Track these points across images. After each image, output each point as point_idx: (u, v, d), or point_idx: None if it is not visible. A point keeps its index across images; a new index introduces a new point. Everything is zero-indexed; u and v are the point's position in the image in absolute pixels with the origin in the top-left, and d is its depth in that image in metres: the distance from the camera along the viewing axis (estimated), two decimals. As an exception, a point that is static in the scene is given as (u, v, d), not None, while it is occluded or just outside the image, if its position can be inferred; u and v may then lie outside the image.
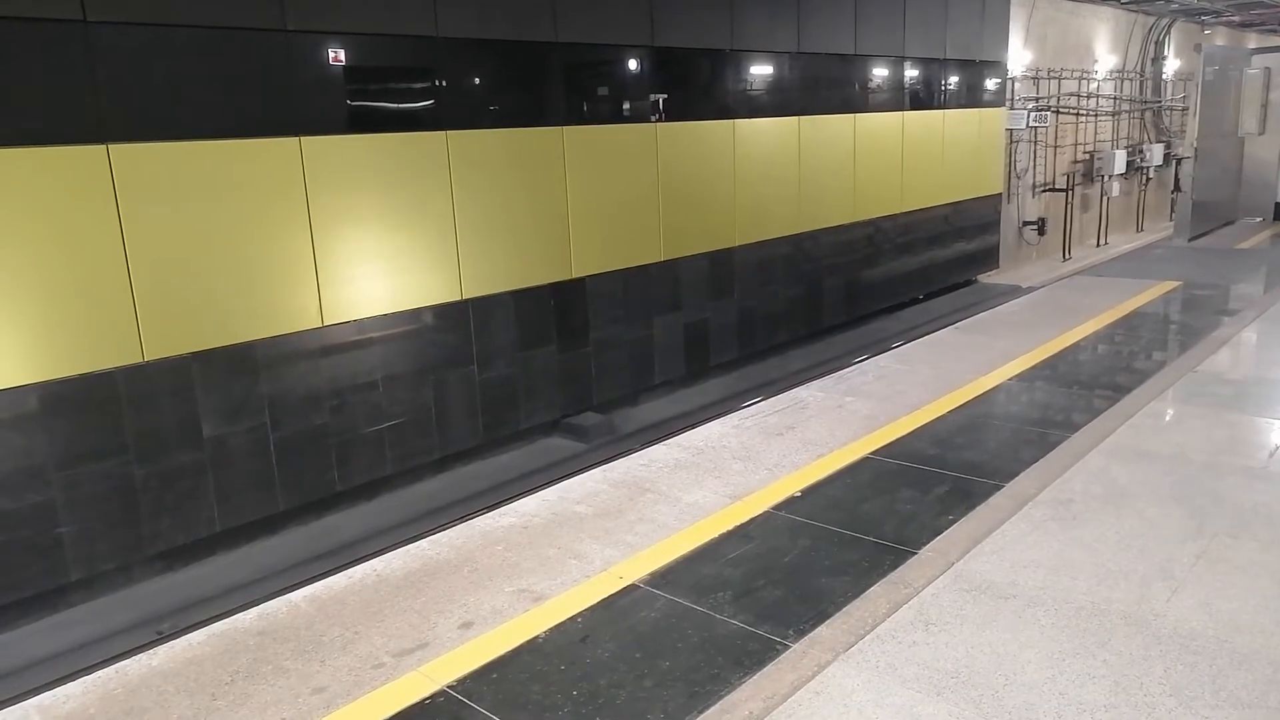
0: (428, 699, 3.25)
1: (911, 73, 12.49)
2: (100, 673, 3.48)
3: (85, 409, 5.61)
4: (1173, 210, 21.51)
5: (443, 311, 7.41)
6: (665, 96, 8.96)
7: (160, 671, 3.46)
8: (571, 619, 3.72)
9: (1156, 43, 20.79)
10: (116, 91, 5.55)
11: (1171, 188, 22.12)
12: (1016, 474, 4.95)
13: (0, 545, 5.37)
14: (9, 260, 5.22)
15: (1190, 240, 13.86)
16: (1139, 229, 21.48)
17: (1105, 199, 19.41)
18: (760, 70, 10.12)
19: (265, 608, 3.88)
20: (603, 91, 8.56)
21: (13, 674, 5.14)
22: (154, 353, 5.83)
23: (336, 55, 6.55)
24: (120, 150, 5.58)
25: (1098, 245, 19.43)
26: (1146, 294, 9.54)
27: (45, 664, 5.21)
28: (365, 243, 6.82)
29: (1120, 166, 18.89)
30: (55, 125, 5.35)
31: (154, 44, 5.69)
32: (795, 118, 10.61)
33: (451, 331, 7.51)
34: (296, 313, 6.50)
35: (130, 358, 5.74)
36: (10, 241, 5.22)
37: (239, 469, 6.32)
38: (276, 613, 3.84)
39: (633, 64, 8.73)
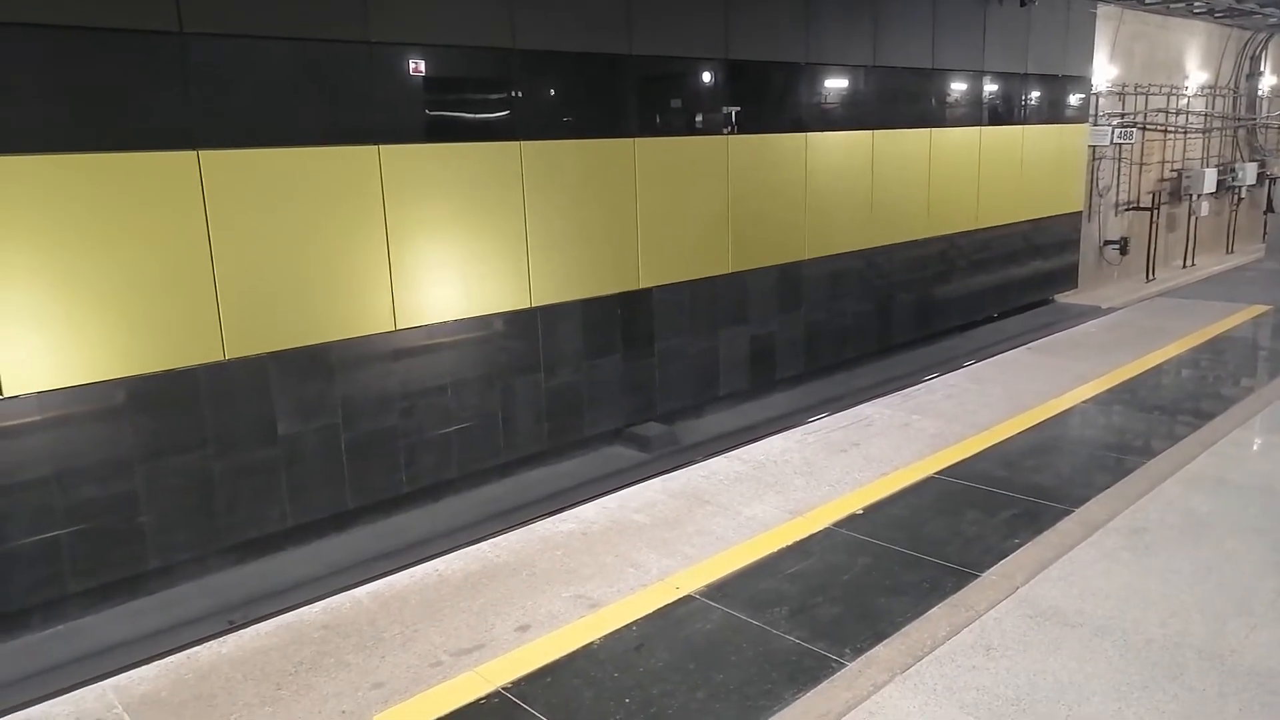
0: (482, 699, 3.29)
1: (991, 87, 12.26)
2: (173, 658, 3.61)
3: (168, 404, 5.84)
4: (1265, 231, 20.69)
5: (512, 318, 7.53)
6: (738, 109, 8.96)
7: (229, 659, 3.58)
8: (626, 627, 3.73)
9: (1252, 58, 20.03)
10: (207, 100, 5.79)
11: (1264, 208, 21.27)
12: (1088, 499, 4.82)
13: (86, 532, 5.62)
14: (104, 261, 5.48)
15: (1283, 263, 13.30)
16: (1229, 250, 20.69)
17: (1193, 219, 18.74)
18: (834, 84, 10.05)
19: (330, 602, 3.99)
20: (675, 103, 8.61)
21: (93, 656, 5.37)
22: (234, 352, 6.04)
23: (416, 66, 6.71)
24: (209, 156, 5.81)
25: (1184, 266, 18.77)
26: (1234, 318, 9.18)
27: (123, 647, 5.42)
28: (438, 249, 6.97)
29: (1210, 185, 18.22)
30: (150, 132, 5.60)
31: (244, 54, 5.91)
32: (869, 131, 10.50)
33: (519, 338, 7.61)
34: (371, 316, 6.67)
35: (212, 356, 5.96)
36: (105, 243, 5.47)
37: (311, 467, 6.50)
38: (341, 607, 3.94)
39: (706, 76, 8.76)
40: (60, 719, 3.25)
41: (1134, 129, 16.00)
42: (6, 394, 5.25)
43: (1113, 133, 15.14)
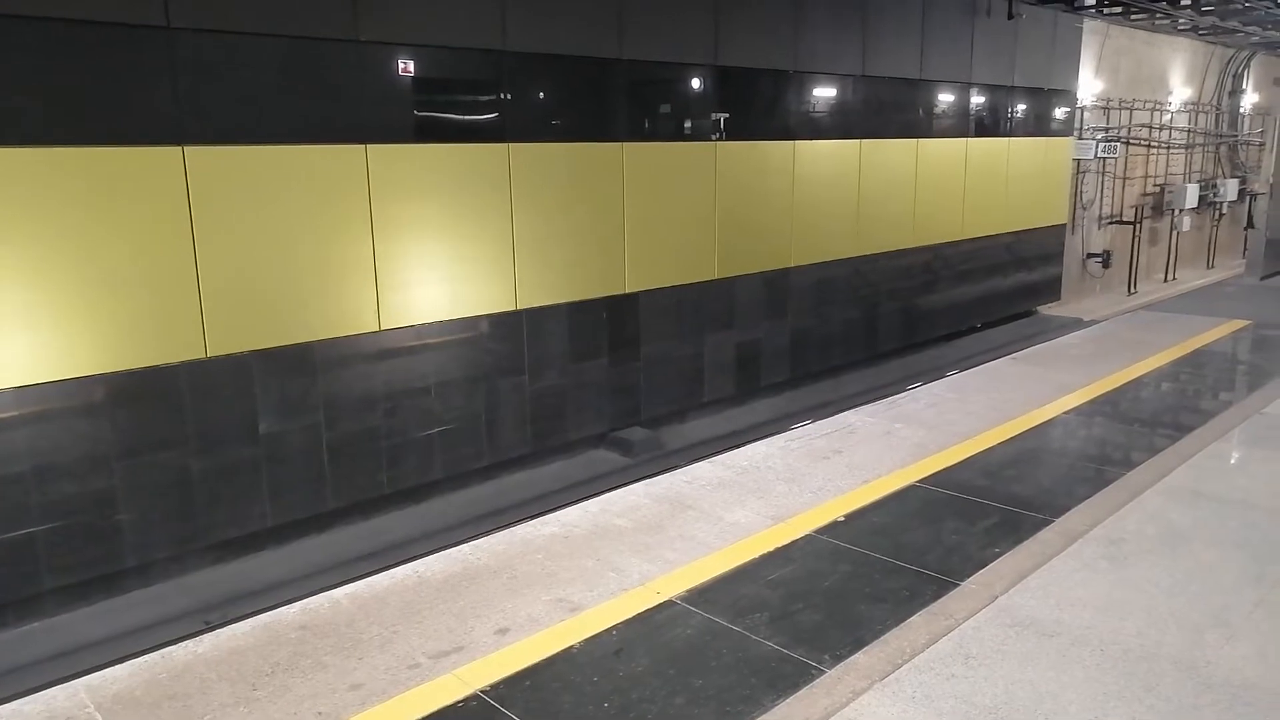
0: (460, 702, 3.27)
1: (977, 99, 12.35)
2: (148, 657, 3.57)
3: (149, 401, 5.79)
4: (1245, 247, 20.91)
5: (497, 321, 7.51)
6: (726, 115, 8.99)
7: (205, 659, 3.54)
8: (606, 631, 3.72)
9: (1235, 75, 20.27)
10: (194, 95, 5.75)
11: (1244, 224, 21.50)
12: (1068, 510, 4.84)
13: (62, 529, 5.56)
14: (85, 255, 5.43)
15: (1262, 279, 13.44)
16: (1209, 265, 20.90)
17: (1175, 233, 18.93)
18: (823, 92, 10.10)
19: (308, 603, 3.95)
20: (664, 109, 8.63)
21: (66, 654, 5.31)
22: (217, 349, 6.00)
23: (406, 66, 6.70)
24: (195, 152, 5.77)
25: (1165, 280, 18.94)
26: (1214, 332, 9.27)
27: (97, 646, 5.37)
28: (425, 250, 6.95)
29: (1192, 201, 18.41)
30: (135, 126, 5.56)
31: (232, 51, 5.88)
32: (857, 141, 10.56)
33: (505, 341, 7.60)
34: (355, 316, 6.64)
35: (194, 353, 5.92)
36: (87, 237, 5.43)
37: (292, 467, 6.46)
38: (319, 608, 3.90)
39: (695, 82, 8.78)
40: (31, 718, 3.21)
41: (1118, 143, 16.15)
42: (-16, 388, 5.20)
43: (1097, 146, 15.27)
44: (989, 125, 12.70)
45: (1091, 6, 14.21)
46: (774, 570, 4.23)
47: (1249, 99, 20.82)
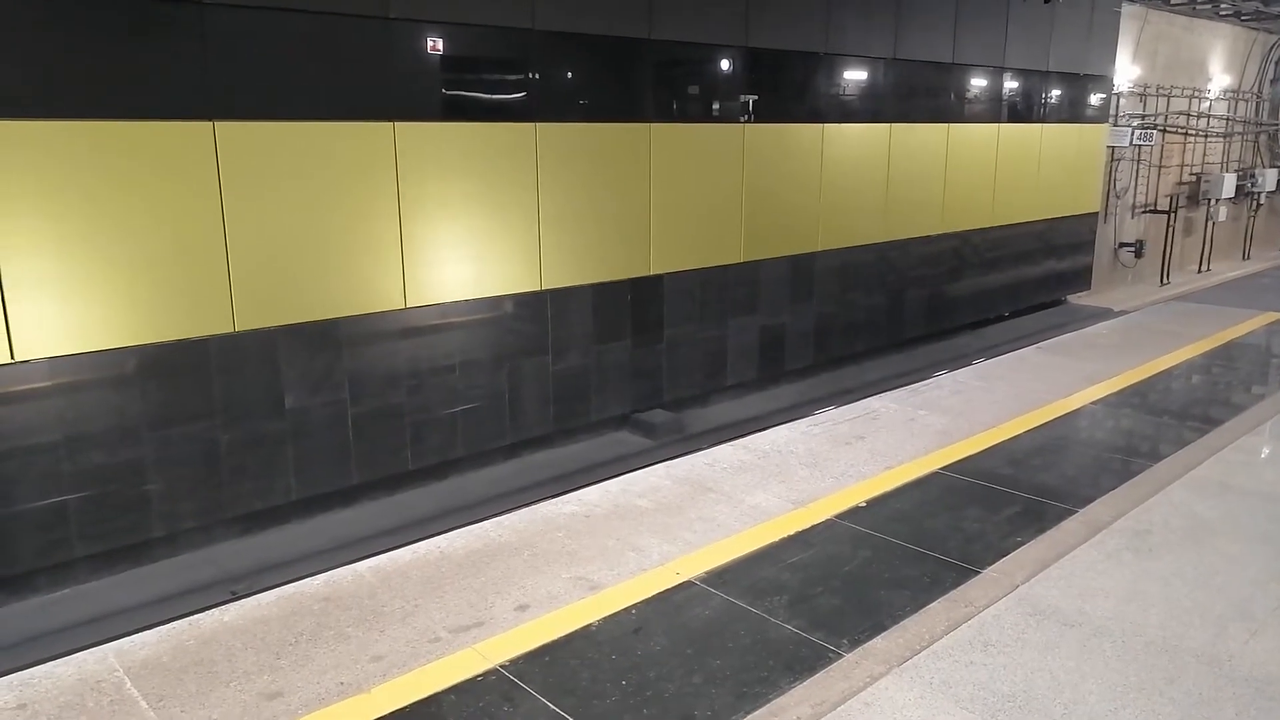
0: (480, 676, 3.31)
1: (1010, 84, 12.17)
2: (175, 624, 3.64)
3: (178, 373, 5.86)
4: (1283, 239, 20.54)
5: (522, 300, 7.53)
6: (755, 98, 8.91)
7: (231, 628, 3.61)
8: (625, 610, 3.75)
9: (1276, 62, 19.84)
10: (224, 71, 5.78)
11: (1284, 215, 21.10)
12: (1092, 500, 4.81)
13: (93, 498, 5.65)
14: (117, 228, 5.49)
15: (1300, 271, 13.22)
16: (1245, 257, 20.53)
17: (1210, 224, 18.60)
18: (853, 75, 9.99)
19: (332, 575, 4.01)
20: (692, 90, 8.57)
21: (96, 621, 5.41)
22: (245, 324, 6.06)
23: (434, 44, 6.69)
24: (225, 127, 5.81)
25: (1199, 271, 18.64)
26: (1247, 324, 9.12)
27: (126, 613, 5.47)
28: (451, 228, 6.97)
29: (1229, 190, 18.07)
30: (166, 101, 5.60)
31: (263, 26, 5.90)
32: (887, 125, 10.45)
33: (529, 321, 7.62)
34: (381, 293, 6.67)
35: (222, 327, 5.98)
36: (119, 210, 5.48)
37: (317, 441, 6.52)
38: (342, 581, 3.96)
39: (724, 64, 8.72)
40: (62, 680, 3.28)
41: (1154, 131, 15.87)
42: (17, 358, 5.28)
43: (1132, 134, 15.02)
44: (1022, 111, 12.52)
45: (1130, -10, 13.96)
46: (794, 554, 4.23)
47: (1291, 87, 20.38)
